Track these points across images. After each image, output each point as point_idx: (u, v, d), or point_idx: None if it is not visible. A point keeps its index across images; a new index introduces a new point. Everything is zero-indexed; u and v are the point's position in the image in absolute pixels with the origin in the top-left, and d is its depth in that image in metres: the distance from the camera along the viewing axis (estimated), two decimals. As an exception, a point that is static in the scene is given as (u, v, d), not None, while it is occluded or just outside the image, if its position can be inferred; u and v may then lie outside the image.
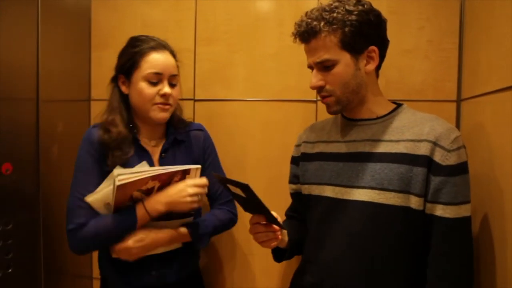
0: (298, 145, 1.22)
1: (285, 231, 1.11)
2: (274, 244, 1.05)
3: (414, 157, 0.92)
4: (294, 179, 1.22)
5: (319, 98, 1.41)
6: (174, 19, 1.52)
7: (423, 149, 0.92)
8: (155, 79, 1.15)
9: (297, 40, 1.02)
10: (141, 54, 1.15)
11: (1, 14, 1.14)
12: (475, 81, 1.21)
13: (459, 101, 1.32)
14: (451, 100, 1.33)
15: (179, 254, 1.21)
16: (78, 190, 1.12)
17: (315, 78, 1.01)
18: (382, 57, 1.02)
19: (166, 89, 1.16)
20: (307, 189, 1.13)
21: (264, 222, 1.03)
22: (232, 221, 1.31)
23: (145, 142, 1.22)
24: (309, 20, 0.97)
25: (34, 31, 1.28)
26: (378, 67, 1.04)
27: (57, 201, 1.40)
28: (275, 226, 1.03)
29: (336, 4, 0.97)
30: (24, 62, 1.26)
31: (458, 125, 1.32)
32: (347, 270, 0.98)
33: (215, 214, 1.28)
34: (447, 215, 0.89)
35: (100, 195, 1.11)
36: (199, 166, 1.15)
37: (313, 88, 1.02)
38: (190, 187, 1.08)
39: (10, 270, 1.16)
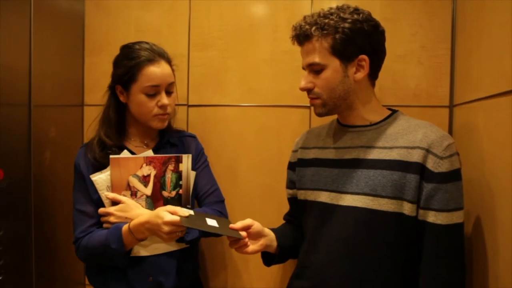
0: (295, 151, 1.23)
1: (272, 237, 1.12)
2: (249, 249, 1.06)
3: (407, 164, 0.93)
4: (291, 184, 1.23)
5: (312, 103, 1.43)
6: (168, 24, 1.52)
7: (415, 156, 0.93)
8: (153, 91, 1.17)
9: (295, 42, 1.06)
10: (138, 68, 1.16)
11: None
12: (467, 87, 1.21)
13: (451, 106, 1.33)
14: (443, 106, 1.34)
15: (177, 261, 1.20)
16: (76, 204, 1.20)
17: (304, 80, 1.04)
18: (375, 66, 1.03)
19: (164, 100, 1.18)
20: (303, 195, 1.14)
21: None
22: None
23: (137, 145, 1.25)
24: (303, 24, 1.01)
25: (27, 36, 1.27)
26: (373, 76, 1.05)
27: (49, 207, 1.38)
28: (242, 234, 1.04)
29: (333, 11, 1.00)
30: (16, 67, 1.25)
31: (450, 130, 1.32)
32: (341, 275, 0.98)
33: (205, 211, 1.25)
34: (439, 222, 0.90)
35: (104, 176, 1.17)
36: (190, 154, 1.22)
37: (301, 89, 1.05)
38: (166, 225, 1.03)
39: (0, 277, 1.15)
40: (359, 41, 0.98)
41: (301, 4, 1.43)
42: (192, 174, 1.24)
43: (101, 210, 1.16)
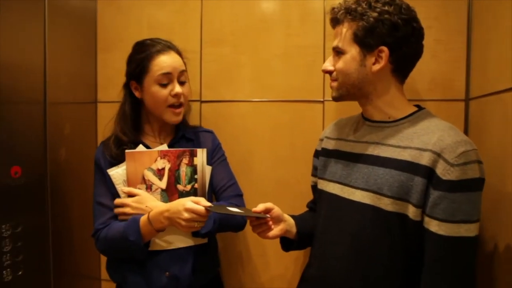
0: (321, 139, 1.24)
1: (291, 223, 1.15)
2: (270, 234, 1.08)
3: (416, 166, 0.90)
4: (315, 171, 1.24)
5: (326, 98, 1.42)
6: (180, 20, 1.52)
7: (425, 159, 0.88)
8: (166, 80, 1.19)
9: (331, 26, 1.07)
10: (149, 59, 1.19)
11: (8, 17, 1.15)
12: (484, 80, 1.20)
13: (467, 100, 1.32)
14: (459, 99, 1.32)
15: (193, 256, 1.21)
16: (96, 197, 1.23)
17: (328, 62, 1.06)
18: (398, 62, 0.99)
19: (177, 88, 1.20)
20: (320, 184, 1.15)
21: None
22: (242, 217, 1.24)
23: (152, 140, 1.27)
24: (337, 7, 1.02)
25: (41, 34, 1.28)
26: (399, 73, 1.01)
27: (66, 203, 1.40)
28: (267, 218, 1.08)
29: None
30: (31, 65, 1.26)
31: (466, 125, 1.31)
32: (345, 269, 0.99)
33: (220, 203, 1.25)
34: (441, 232, 0.85)
35: (121, 170, 1.20)
36: (205, 148, 1.22)
37: (323, 71, 1.07)
38: (186, 211, 1.04)
39: (20, 273, 1.17)
40: (382, 32, 0.95)
41: (314, -2, 1.42)
42: (208, 168, 1.25)
43: (117, 200, 1.18)
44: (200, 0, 1.50)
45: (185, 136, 1.30)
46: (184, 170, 1.20)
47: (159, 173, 1.19)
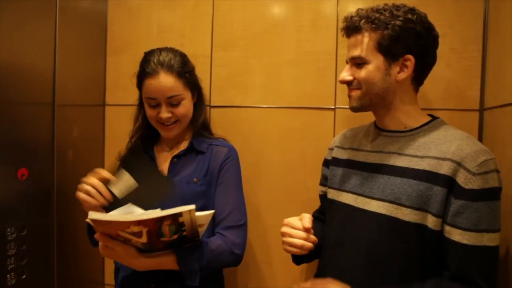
0: (331, 149, 1.22)
1: None
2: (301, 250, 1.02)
3: (436, 175, 0.89)
4: (324, 181, 1.23)
5: (337, 105, 1.40)
6: (191, 24, 1.51)
7: (445, 169, 0.88)
8: (153, 103, 1.16)
9: (344, 34, 1.04)
10: (141, 79, 1.17)
11: (19, 19, 1.14)
12: (500, 90, 1.17)
13: (482, 110, 1.29)
14: (473, 109, 1.30)
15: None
16: None
17: (345, 72, 1.02)
18: (420, 70, 0.99)
19: (162, 114, 1.15)
20: (331, 194, 1.13)
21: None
22: (230, 253, 1.11)
23: (162, 148, 1.26)
24: (354, 16, 0.99)
25: (52, 36, 1.28)
26: (417, 80, 1.01)
27: (72, 206, 1.38)
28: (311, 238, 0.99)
29: (387, 7, 0.97)
30: (41, 66, 1.26)
31: (480, 135, 1.28)
32: (360, 280, 0.96)
33: (207, 243, 1.08)
34: (465, 241, 0.85)
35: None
36: (192, 207, 0.92)
37: (340, 81, 1.04)
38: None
39: (24, 276, 1.15)
40: (407, 40, 0.94)
41: (326, 4, 1.41)
42: (205, 215, 1.01)
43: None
44: (211, 4, 1.49)
45: (195, 148, 1.22)
46: (167, 229, 0.95)
47: (136, 235, 0.95)
